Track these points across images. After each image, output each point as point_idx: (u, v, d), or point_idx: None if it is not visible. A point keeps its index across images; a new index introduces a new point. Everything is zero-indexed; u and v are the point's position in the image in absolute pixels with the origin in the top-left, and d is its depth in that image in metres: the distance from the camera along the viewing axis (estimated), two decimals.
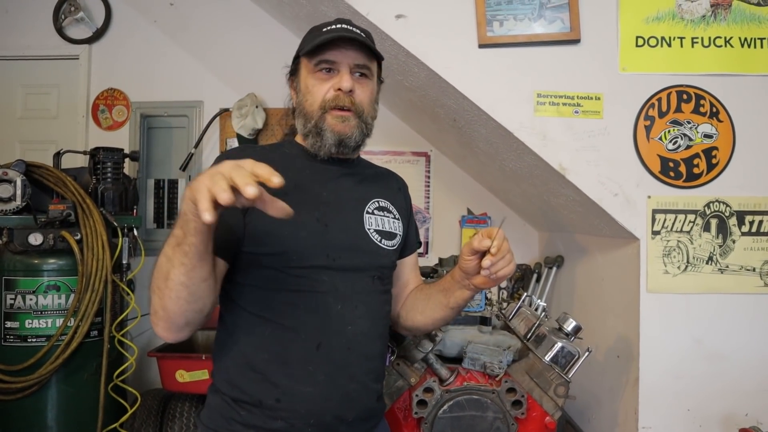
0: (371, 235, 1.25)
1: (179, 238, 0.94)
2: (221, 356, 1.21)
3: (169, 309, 1.01)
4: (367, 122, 1.25)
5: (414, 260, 1.46)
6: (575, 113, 1.86)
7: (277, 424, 1.13)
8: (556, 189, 2.04)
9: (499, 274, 1.14)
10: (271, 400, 1.13)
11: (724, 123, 1.85)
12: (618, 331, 1.99)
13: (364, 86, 1.24)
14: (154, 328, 1.06)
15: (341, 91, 1.20)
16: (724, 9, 1.86)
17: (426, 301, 1.35)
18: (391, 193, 1.38)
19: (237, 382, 1.16)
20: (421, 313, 1.37)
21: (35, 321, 2.34)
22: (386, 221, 1.30)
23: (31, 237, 2.33)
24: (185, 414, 2.42)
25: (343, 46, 1.20)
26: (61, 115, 3.30)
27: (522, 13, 1.86)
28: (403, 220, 1.37)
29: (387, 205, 1.33)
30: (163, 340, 1.05)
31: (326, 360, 1.15)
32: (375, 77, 1.29)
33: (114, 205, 2.60)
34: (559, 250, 2.66)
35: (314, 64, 1.23)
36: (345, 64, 1.21)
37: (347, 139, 1.22)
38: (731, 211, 1.84)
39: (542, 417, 1.67)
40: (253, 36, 3.15)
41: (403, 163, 3.07)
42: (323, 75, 1.22)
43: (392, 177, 1.45)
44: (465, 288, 1.24)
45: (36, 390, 2.32)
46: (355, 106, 1.22)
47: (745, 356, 1.83)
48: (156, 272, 1.00)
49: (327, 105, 1.21)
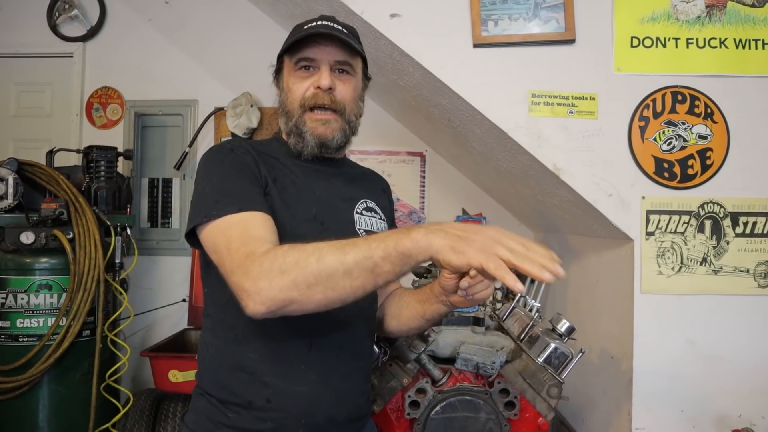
0: (362, 236, 1.24)
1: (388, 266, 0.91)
2: (208, 356, 1.19)
3: (313, 300, 0.95)
4: (350, 120, 1.24)
5: None
6: (570, 113, 1.85)
7: (266, 425, 1.11)
8: (550, 189, 2.04)
9: (476, 297, 1.11)
10: (261, 400, 1.11)
11: (719, 124, 1.85)
12: (612, 332, 1.98)
13: (346, 83, 1.22)
14: (274, 293, 0.94)
15: (320, 89, 1.19)
16: (719, 10, 1.85)
17: (403, 309, 1.33)
18: (375, 194, 1.37)
19: (225, 383, 1.14)
20: (397, 320, 1.34)
21: (27, 320, 2.33)
22: (373, 222, 1.30)
23: (23, 236, 2.32)
24: (178, 414, 2.41)
25: (323, 42, 1.19)
26: (54, 113, 3.28)
27: (517, 12, 1.86)
28: (388, 221, 1.37)
29: (373, 205, 1.33)
30: (256, 314, 0.96)
31: (319, 359, 1.15)
32: (359, 74, 1.27)
33: (107, 204, 2.59)
34: (553, 251, 2.64)
35: (294, 62, 1.22)
36: (325, 62, 1.20)
37: (329, 142, 1.21)
38: (725, 213, 1.84)
39: (535, 418, 1.66)
40: (248, 35, 3.13)
41: (398, 163, 3.07)
42: (303, 73, 1.21)
43: (376, 178, 1.45)
44: (441, 303, 1.21)
45: (27, 390, 2.31)
46: (336, 104, 1.20)
47: (739, 357, 1.83)
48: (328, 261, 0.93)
49: (306, 103, 1.20)
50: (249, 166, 1.15)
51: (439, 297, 1.20)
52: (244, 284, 0.95)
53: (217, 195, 1.10)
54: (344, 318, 1.18)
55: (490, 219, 3.04)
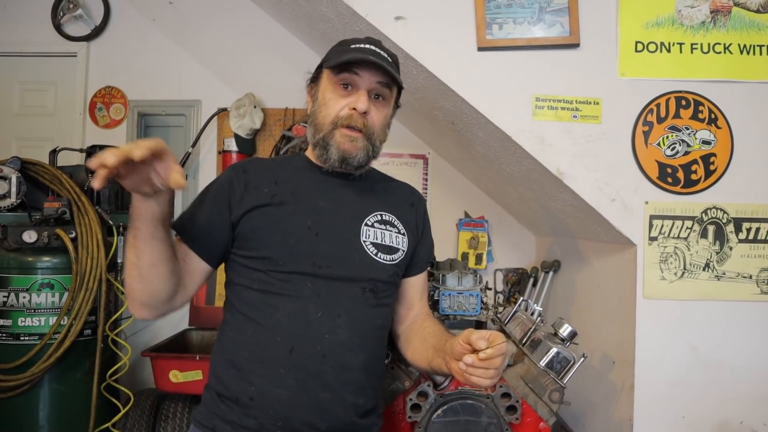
0: (366, 247, 1.25)
1: (132, 226, 1.06)
2: (215, 352, 1.26)
3: (126, 286, 1.13)
4: (375, 145, 1.27)
5: (421, 281, 1.42)
6: (574, 118, 1.85)
7: (249, 421, 1.16)
8: (553, 193, 2.03)
9: (472, 379, 1.06)
10: (245, 397, 1.16)
11: (723, 129, 1.85)
12: (614, 337, 1.98)
13: (379, 109, 1.26)
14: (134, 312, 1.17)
15: (356, 111, 1.22)
16: (724, 15, 1.85)
17: (419, 343, 1.31)
18: (399, 208, 1.35)
19: (221, 377, 1.20)
20: (412, 352, 1.34)
21: (28, 319, 2.32)
22: (387, 235, 1.29)
23: (26, 234, 2.32)
24: (178, 414, 2.40)
25: (367, 67, 1.21)
26: (58, 113, 3.28)
27: (521, 16, 1.86)
28: (411, 236, 1.34)
29: (391, 219, 1.32)
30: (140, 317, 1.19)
31: (298, 365, 1.16)
32: (392, 101, 1.31)
33: (110, 203, 2.59)
34: (556, 255, 2.65)
35: (335, 79, 1.24)
36: (365, 85, 1.23)
37: (351, 159, 1.24)
38: (728, 218, 1.84)
39: (537, 422, 1.66)
40: (252, 36, 3.13)
41: (401, 166, 3.07)
42: (342, 91, 1.24)
43: (406, 192, 1.43)
44: (443, 361, 1.17)
45: (28, 389, 2.30)
46: (366, 129, 1.23)
47: (741, 364, 1.83)
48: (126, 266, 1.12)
49: (339, 122, 1.23)
50: (224, 195, 1.24)
51: (445, 354, 1.16)
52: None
53: (190, 211, 1.24)
54: (331, 326, 1.18)
55: (493, 222, 3.04)
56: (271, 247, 1.19)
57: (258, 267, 1.19)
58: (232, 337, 1.21)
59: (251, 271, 1.20)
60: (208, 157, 3.16)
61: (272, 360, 1.16)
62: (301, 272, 1.19)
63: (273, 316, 1.17)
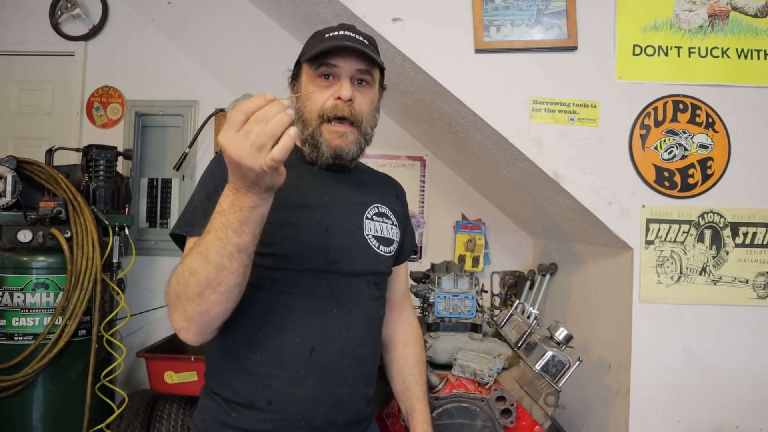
0: (370, 241, 1.25)
1: (232, 233, 0.93)
2: (215, 356, 1.20)
3: (212, 314, 1.01)
4: (366, 132, 1.25)
5: (404, 271, 1.47)
6: (571, 120, 1.85)
7: (266, 426, 1.12)
8: (550, 196, 2.03)
9: None
10: (262, 401, 1.12)
11: (720, 134, 1.84)
12: (610, 340, 1.97)
13: (364, 94, 1.23)
14: (183, 334, 1.05)
15: (341, 100, 1.19)
16: (722, 19, 1.85)
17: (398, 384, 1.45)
18: (389, 199, 1.37)
19: (230, 383, 1.15)
20: (390, 376, 1.47)
21: (22, 319, 2.31)
22: (384, 227, 1.29)
23: (21, 234, 2.31)
24: (173, 415, 2.39)
25: (345, 53, 1.19)
26: (55, 112, 3.27)
27: (519, 18, 1.85)
28: (400, 226, 1.36)
29: (386, 210, 1.32)
30: (191, 344, 1.07)
31: (319, 364, 1.14)
32: (377, 84, 1.28)
33: (106, 203, 2.58)
34: (553, 258, 2.65)
35: (315, 71, 1.22)
36: (346, 72, 1.20)
37: (344, 154, 1.22)
38: (725, 223, 1.84)
39: (532, 426, 1.65)
40: (249, 36, 3.13)
41: (399, 167, 3.06)
42: (323, 82, 1.21)
43: (391, 183, 1.45)
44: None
45: (21, 389, 2.29)
46: (354, 116, 1.20)
47: (737, 368, 1.82)
48: (189, 282, 0.98)
49: (326, 114, 1.20)
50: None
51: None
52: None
53: (196, 212, 1.15)
54: (346, 323, 1.18)
55: (490, 224, 3.04)
56: (284, 245, 1.14)
57: (270, 265, 1.13)
58: (239, 341, 1.15)
59: (262, 269, 1.12)
60: (205, 158, 3.15)
61: (291, 361, 1.13)
62: (315, 269, 1.16)
63: (289, 316, 1.14)
